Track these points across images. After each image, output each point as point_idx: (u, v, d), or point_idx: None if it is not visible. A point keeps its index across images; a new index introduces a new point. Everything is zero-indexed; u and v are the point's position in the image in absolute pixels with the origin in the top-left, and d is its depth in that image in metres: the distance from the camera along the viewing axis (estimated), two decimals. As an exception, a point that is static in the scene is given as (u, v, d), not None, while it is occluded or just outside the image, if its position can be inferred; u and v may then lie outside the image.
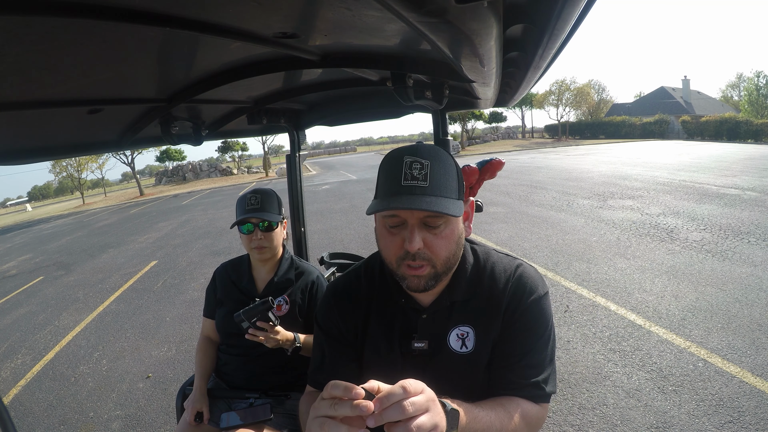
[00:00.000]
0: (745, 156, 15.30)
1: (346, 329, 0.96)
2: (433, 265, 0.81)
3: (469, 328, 0.88)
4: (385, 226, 0.81)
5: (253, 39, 0.62)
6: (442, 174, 0.78)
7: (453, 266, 0.86)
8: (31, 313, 5.25)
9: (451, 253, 0.82)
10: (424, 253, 0.79)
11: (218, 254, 6.86)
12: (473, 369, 0.88)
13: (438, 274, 0.82)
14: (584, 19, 0.59)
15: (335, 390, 0.60)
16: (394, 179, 0.77)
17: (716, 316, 3.15)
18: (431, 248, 0.79)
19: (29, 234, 15.78)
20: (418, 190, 0.75)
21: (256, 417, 1.33)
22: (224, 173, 36.35)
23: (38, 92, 0.71)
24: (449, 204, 0.76)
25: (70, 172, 31.66)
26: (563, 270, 4.42)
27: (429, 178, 0.76)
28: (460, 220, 0.85)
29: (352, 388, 0.59)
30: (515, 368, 0.86)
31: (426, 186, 0.75)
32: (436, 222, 0.79)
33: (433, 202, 0.74)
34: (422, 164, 0.76)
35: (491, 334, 0.88)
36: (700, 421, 2.10)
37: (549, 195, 9.10)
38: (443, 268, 0.82)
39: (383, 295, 0.94)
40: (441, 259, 0.81)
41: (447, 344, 0.88)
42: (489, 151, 28.67)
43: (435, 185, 0.76)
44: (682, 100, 38.75)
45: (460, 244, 0.86)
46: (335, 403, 0.59)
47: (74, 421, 2.77)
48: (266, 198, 1.45)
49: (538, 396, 0.85)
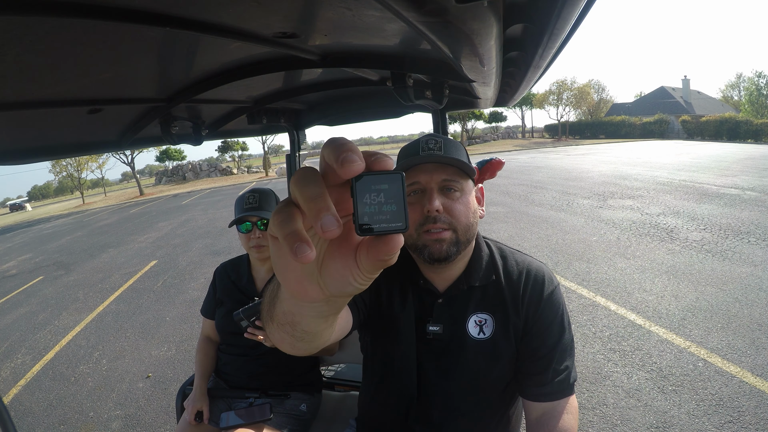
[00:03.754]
0: (745, 156, 15.30)
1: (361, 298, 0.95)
2: (454, 230, 0.83)
3: (488, 315, 0.90)
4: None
5: (253, 39, 0.62)
6: (455, 148, 0.87)
7: (471, 238, 0.88)
8: (31, 313, 5.25)
9: (469, 221, 0.85)
10: (444, 216, 0.83)
11: (218, 254, 6.86)
12: (491, 355, 0.88)
13: (459, 241, 0.84)
14: (584, 19, 0.59)
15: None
16: (413, 153, 0.86)
17: (716, 315, 3.15)
18: (451, 212, 0.83)
19: (29, 234, 15.78)
20: (435, 157, 0.83)
21: (255, 417, 1.33)
22: (224, 173, 36.34)
23: (38, 92, 0.71)
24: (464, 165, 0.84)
25: (70, 171, 31.66)
26: (563, 270, 4.42)
27: (444, 148, 0.85)
28: (474, 197, 0.90)
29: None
30: (543, 360, 0.88)
31: (442, 154, 0.84)
32: (454, 187, 0.85)
33: (453, 161, 0.83)
34: (437, 140, 0.86)
35: (510, 324, 0.89)
36: (700, 421, 2.10)
37: (549, 195, 9.10)
38: (464, 235, 0.85)
39: (403, 276, 0.96)
40: (461, 224, 0.84)
41: (466, 330, 0.89)
42: (489, 151, 28.67)
43: (449, 152, 0.85)
44: (682, 99, 38.74)
45: (476, 217, 0.89)
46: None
47: (74, 421, 2.77)
48: (264, 197, 1.45)
49: (569, 388, 0.89)
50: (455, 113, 29.34)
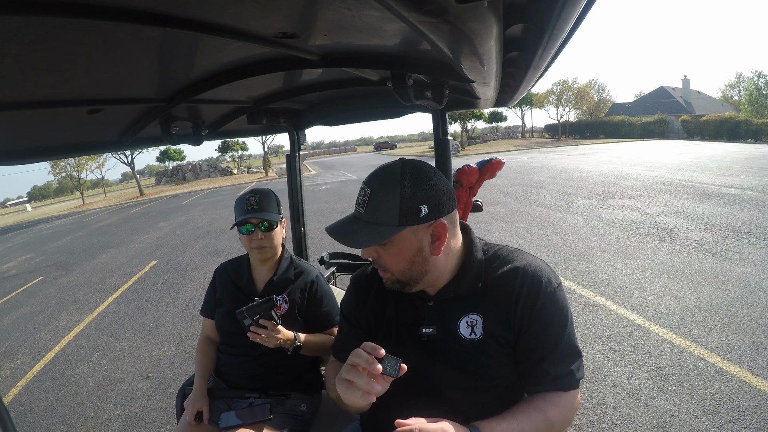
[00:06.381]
0: (744, 155, 15.31)
1: (361, 316, 1.04)
2: (392, 273, 0.90)
3: (478, 316, 0.91)
4: None
5: (253, 39, 0.62)
6: (381, 202, 0.83)
7: (417, 278, 0.90)
8: (31, 313, 5.25)
9: (405, 268, 0.88)
10: (379, 262, 0.90)
11: (218, 254, 6.86)
12: (481, 355, 0.90)
13: (401, 281, 0.90)
14: (584, 19, 0.59)
15: (357, 358, 0.75)
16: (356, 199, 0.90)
17: (716, 315, 3.15)
18: (383, 261, 0.89)
19: (29, 234, 15.78)
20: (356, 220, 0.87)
21: (255, 417, 1.33)
22: (224, 173, 36.36)
23: (38, 92, 0.71)
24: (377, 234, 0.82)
25: (70, 172, 31.65)
26: (563, 269, 4.42)
27: (366, 207, 0.85)
28: (417, 241, 0.86)
29: (373, 362, 0.74)
30: (542, 362, 0.88)
31: (362, 212, 0.85)
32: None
33: (362, 234, 0.83)
34: (365, 192, 0.86)
35: (499, 325, 0.89)
36: (700, 421, 2.10)
37: (549, 195, 9.10)
38: (403, 277, 0.90)
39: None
40: (396, 271, 0.89)
41: (457, 331, 0.91)
42: (489, 151, 28.69)
43: (372, 212, 0.84)
44: (682, 99, 38.76)
45: (418, 261, 0.88)
46: (355, 370, 0.75)
47: (74, 421, 2.77)
48: (265, 198, 1.45)
49: (568, 384, 0.89)
50: (455, 113, 29.33)
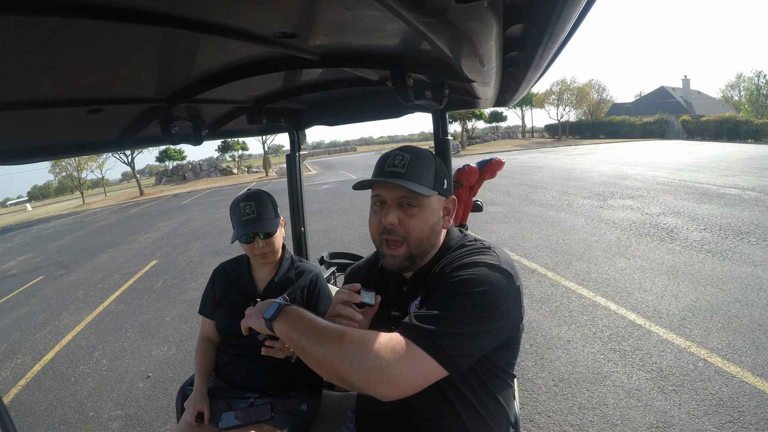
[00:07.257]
0: (745, 156, 15.30)
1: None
2: (408, 245, 0.91)
3: (419, 297, 0.95)
4: (372, 206, 0.97)
5: (253, 39, 0.63)
6: (420, 166, 0.91)
7: (427, 250, 0.95)
8: (31, 313, 5.25)
9: (424, 236, 0.92)
10: (398, 229, 0.90)
11: (218, 254, 6.86)
12: None
13: (413, 256, 0.93)
14: (584, 19, 0.59)
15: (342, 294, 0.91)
16: (382, 166, 0.93)
17: (716, 315, 3.15)
18: (405, 226, 0.90)
19: (29, 234, 15.78)
20: (396, 175, 0.89)
21: (256, 417, 1.33)
22: (224, 173, 36.34)
23: (38, 92, 0.71)
24: (419, 188, 0.88)
25: (70, 171, 31.64)
26: (563, 270, 4.42)
27: (408, 166, 0.90)
28: (438, 211, 0.95)
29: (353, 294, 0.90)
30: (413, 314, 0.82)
31: (403, 173, 0.89)
32: (411, 203, 0.90)
33: (406, 184, 0.87)
34: (404, 156, 0.91)
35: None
36: (700, 421, 2.10)
37: (549, 195, 9.10)
38: (417, 249, 0.92)
39: (383, 271, 1.07)
40: (414, 238, 0.91)
41: (408, 312, 0.95)
42: (489, 151, 28.68)
43: (411, 173, 0.89)
44: (682, 99, 38.73)
45: (436, 230, 0.95)
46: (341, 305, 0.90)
47: (74, 421, 2.77)
48: (260, 205, 1.40)
49: (414, 332, 0.77)
50: (455, 113, 29.33)
